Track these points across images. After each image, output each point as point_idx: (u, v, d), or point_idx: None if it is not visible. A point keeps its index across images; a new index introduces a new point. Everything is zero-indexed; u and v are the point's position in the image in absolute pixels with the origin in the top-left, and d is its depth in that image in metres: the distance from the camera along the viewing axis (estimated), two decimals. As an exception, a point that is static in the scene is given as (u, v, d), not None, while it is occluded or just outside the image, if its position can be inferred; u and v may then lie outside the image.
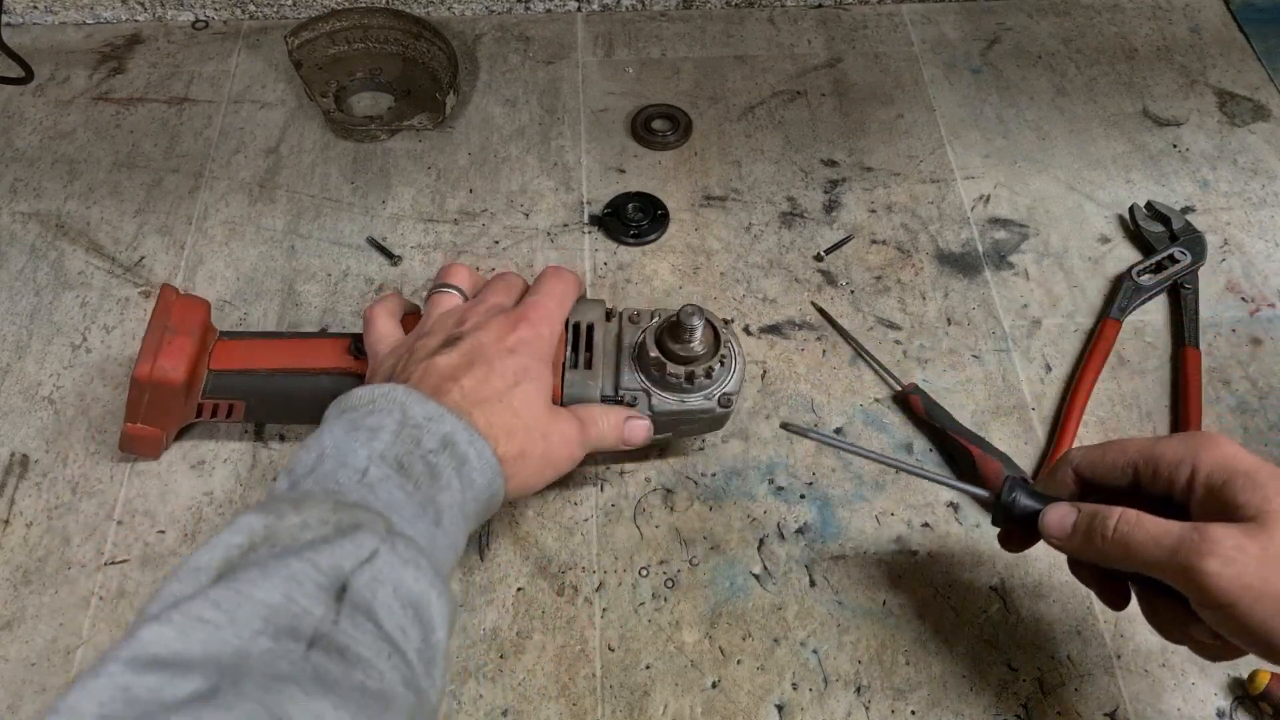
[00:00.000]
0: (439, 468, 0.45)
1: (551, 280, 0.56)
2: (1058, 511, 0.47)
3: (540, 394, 0.51)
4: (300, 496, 0.41)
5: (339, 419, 0.46)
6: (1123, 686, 0.56)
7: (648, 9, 0.93)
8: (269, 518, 0.39)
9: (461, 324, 0.53)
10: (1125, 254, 0.76)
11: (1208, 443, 0.45)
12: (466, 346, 0.50)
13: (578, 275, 0.59)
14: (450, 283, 0.57)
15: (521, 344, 0.51)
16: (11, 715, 0.54)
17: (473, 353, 0.50)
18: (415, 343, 0.52)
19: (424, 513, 0.43)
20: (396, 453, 0.44)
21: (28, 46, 0.87)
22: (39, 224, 0.76)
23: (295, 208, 0.77)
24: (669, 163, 0.81)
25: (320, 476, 0.43)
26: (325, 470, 0.43)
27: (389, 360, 0.52)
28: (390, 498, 0.42)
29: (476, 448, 0.46)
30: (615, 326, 0.58)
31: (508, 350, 0.51)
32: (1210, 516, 0.43)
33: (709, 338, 0.56)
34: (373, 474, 0.43)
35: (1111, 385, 0.68)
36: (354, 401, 0.47)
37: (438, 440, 0.45)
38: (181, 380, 0.57)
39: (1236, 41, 0.91)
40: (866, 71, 0.88)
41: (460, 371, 0.49)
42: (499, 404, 0.49)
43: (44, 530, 0.60)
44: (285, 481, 0.44)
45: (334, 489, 0.42)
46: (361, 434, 0.44)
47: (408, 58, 0.87)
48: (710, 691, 0.55)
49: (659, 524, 0.61)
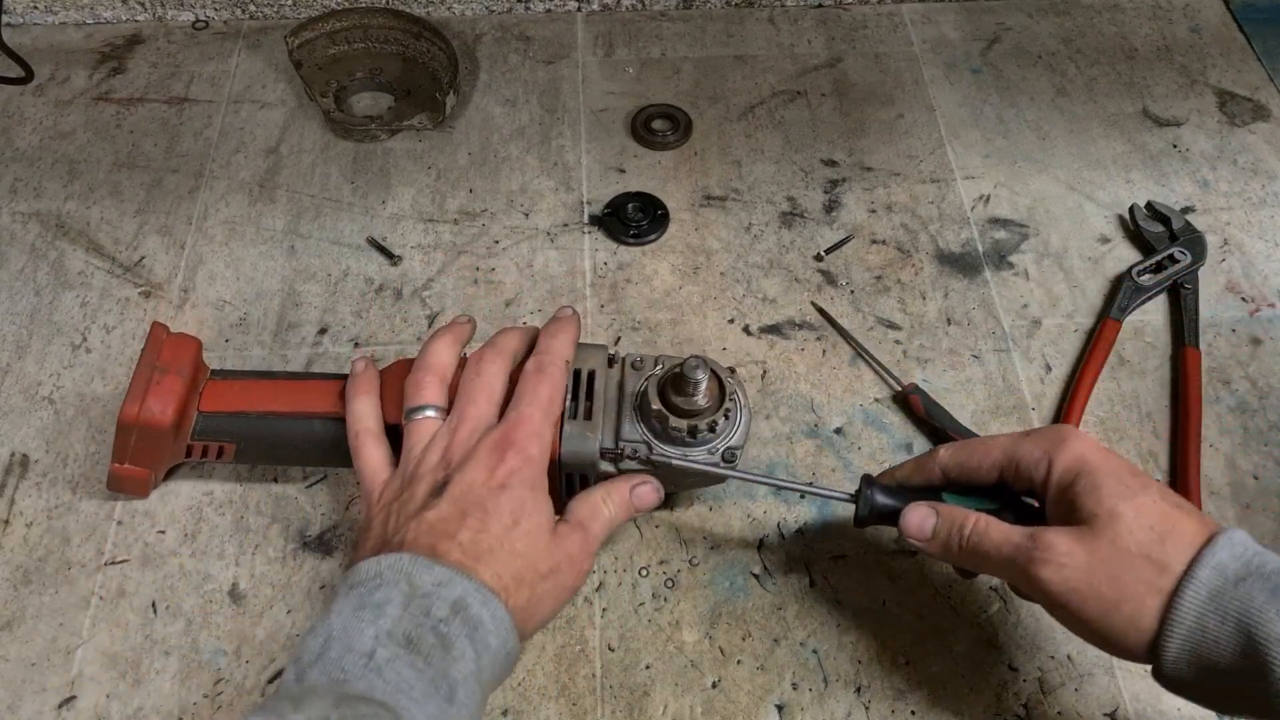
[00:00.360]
0: (450, 637, 0.43)
1: (534, 381, 0.52)
2: (917, 514, 0.50)
3: (541, 527, 0.48)
4: (302, 693, 0.39)
5: (347, 596, 0.44)
6: (1123, 686, 0.56)
7: (648, 9, 0.93)
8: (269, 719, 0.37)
9: (448, 461, 0.50)
10: (1125, 254, 0.76)
11: (1062, 441, 0.47)
12: (456, 492, 0.48)
13: (575, 321, 0.56)
14: (423, 403, 0.53)
15: (512, 475, 0.48)
16: (11, 715, 0.54)
17: (464, 499, 0.47)
18: (403, 492, 0.50)
19: (436, 691, 0.41)
20: (405, 628, 0.42)
21: (28, 46, 0.87)
22: (39, 224, 0.76)
23: (295, 208, 0.77)
24: (669, 163, 0.81)
25: (326, 665, 0.41)
26: (331, 657, 0.41)
27: (380, 512, 0.50)
28: (399, 679, 0.41)
29: (490, 608, 0.44)
30: (617, 373, 0.56)
31: (499, 487, 0.48)
32: (1060, 516, 0.46)
33: (713, 390, 0.54)
34: (380, 656, 0.41)
35: (1111, 385, 0.68)
36: (360, 577, 0.45)
37: (448, 607, 0.43)
38: (170, 422, 0.55)
39: (1236, 41, 0.91)
40: (866, 71, 0.88)
41: (454, 524, 0.46)
42: (502, 551, 0.46)
43: (44, 530, 0.60)
44: (292, 673, 0.42)
45: (340, 678, 0.40)
46: (368, 612, 0.43)
47: (408, 58, 0.87)
48: (710, 691, 0.55)
49: (659, 524, 0.61)
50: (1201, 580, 0.42)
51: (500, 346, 0.55)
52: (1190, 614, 0.42)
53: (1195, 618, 0.42)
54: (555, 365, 0.53)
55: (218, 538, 0.60)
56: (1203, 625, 0.42)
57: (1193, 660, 0.42)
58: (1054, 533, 0.45)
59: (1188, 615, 0.42)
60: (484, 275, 0.73)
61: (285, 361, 0.68)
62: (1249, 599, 0.41)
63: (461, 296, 0.72)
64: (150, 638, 0.57)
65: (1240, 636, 0.41)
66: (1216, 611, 0.41)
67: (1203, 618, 0.42)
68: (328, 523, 0.61)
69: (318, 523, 0.61)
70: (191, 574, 0.59)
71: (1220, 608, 0.41)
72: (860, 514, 0.52)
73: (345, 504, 0.62)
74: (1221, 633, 0.41)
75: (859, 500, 0.53)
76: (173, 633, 0.57)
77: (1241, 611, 0.41)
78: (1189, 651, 0.42)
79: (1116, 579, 0.43)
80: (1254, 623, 0.40)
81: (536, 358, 0.54)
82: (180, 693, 0.55)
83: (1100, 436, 0.66)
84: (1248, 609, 0.41)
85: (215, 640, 0.57)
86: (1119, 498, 0.44)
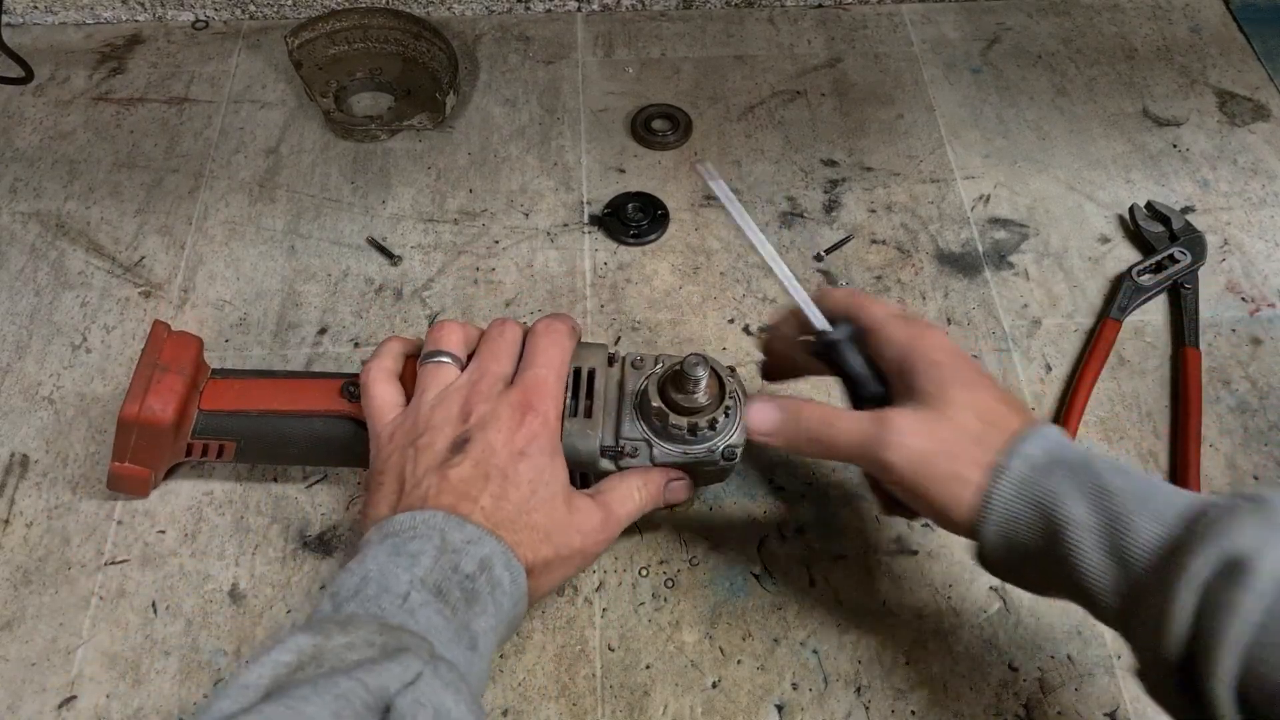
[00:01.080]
0: (476, 592, 0.45)
1: (546, 343, 0.54)
2: (761, 408, 0.51)
3: (556, 496, 0.50)
4: (346, 619, 0.41)
5: (381, 544, 0.46)
6: (1123, 686, 0.56)
7: (648, 9, 0.93)
8: (317, 637, 0.39)
9: (467, 415, 0.51)
10: (1125, 254, 0.76)
11: (928, 328, 0.50)
12: (477, 453, 0.49)
13: (572, 321, 0.56)
14: (442, 349, 0.54)
15: (531, 441, 0.50)
16: (11, 715, 0.54)
17: (485, 462, 0.49)
18: (419, 437, 0.50)
19: (460, 638, 0.44)
20: (436, 578, 0.45)
21: (28, 46, 0.88)
22: (39, 224, 0.76)
23: (295, 208, 0.77)
24: (669, 163, 0.81)
25: (364, 600, 0.43)
26: (369, 594, 0.43)
27: (394, 455, 0.51)
28: (430, 622, 0.43)
29: (512, 571, 0.47)
30: (617, 372, 0.56)
31: (519, 454, 0.49)
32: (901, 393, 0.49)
33: (714, 388, 0.54)
34: (414, 599, 0.43)
35: (1111, 385, 0.68)
36: (396, 527, 0.47)
37: (476, 564, 0.46)
38: (170, 421, 0.55)
39: (1236, 41, 0.91)
40: (866, 71, 0.88)
41: (476, 487, 0.48)
42: (520, 519, 0.48)
43: (44, 530, 0.60)
44: (329, 604, 0.44)
45: (377, 613, 0.43)
46: (403, 559, 0.45)
47: (408, 58, 0.87)
48: (710, 691, 0.55)
49: (659, 524, 0.61)
50: (1012, 469, 0.45)
51: (516, 320, 0.57)
52: (1001, 499, 0.45)
53: (1004, 503, 0.45)
54: (562, 330, 0.55)
55: (218, 538, 0.60)
56: (1011, 510, 0.44)
57: (1006, 544, 0.45)
58: (898, 412, 0.48)
59: (999, 501, 0.45)
60: (484, 275, 0.73)
61: (285, 361, 0.68)
62: (1052, 485, 0.44)
63: (461, 296, 0.72)
64: (150, 638, 0.57)
65: (1043, 520, 0.44)
66: (1022, 497, 0.44)
67: (1010, 503, 0.44)
68: (328, 523, 0.61)
69: (318, 523, 0.61)
70: (191, 574, 0.59)
71: (1027, 493, 0.44)
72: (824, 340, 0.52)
73: (345, 504, 0.62)
74: (1028, 517, 0.44)
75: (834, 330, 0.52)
76: (173, 633, 0.57)
77: (1044, 495, 0.44)
78: (1003, 536, 0.45)
79: (951, 455, 0.46)
80: (1053, 505, 0.43)
81: (544, 322, 0.55)
82: (180, 693, 0.55)
83: (1100, 436, 0.66)
84: (1049, 494, 0.44)
85: (215, 640, 0.57)
86: (958, 385, 0.47)
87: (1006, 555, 0.46)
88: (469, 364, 0.54)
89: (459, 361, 0.54)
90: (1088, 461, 0.44)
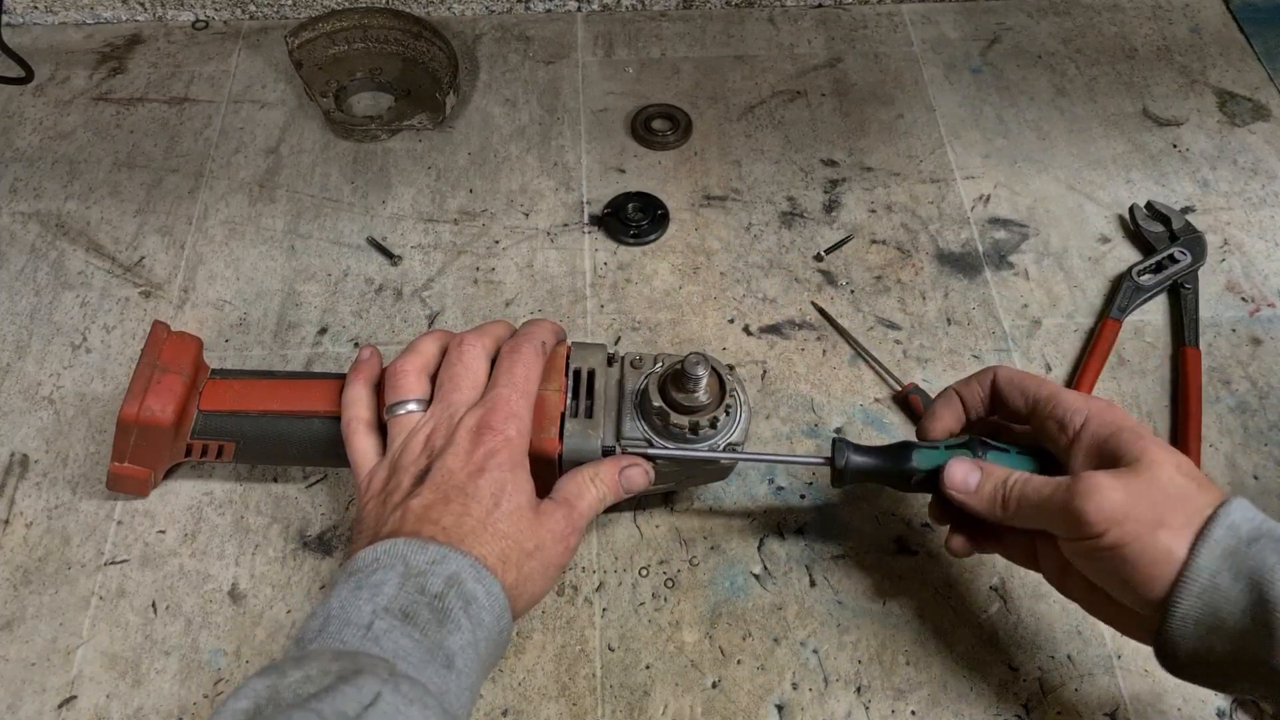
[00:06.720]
0: (447, 609, 0.44)
1: (509, 363, 0.53)
2: (961, 468, 0.50)
3: (521, 506, 0.49)
4: (301, 655, 0.40)
5: (345, 582, 0.45)
6: (1123, 686, 0.56)
7: (648, 9, 0.93)
8: (271, 678, 0.38)
9: (430, 449, 0.50)
10: (1125, 254, 0.76)
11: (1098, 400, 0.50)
12: (438, 478, 0.48)
13: (548, 328, 0.56)
14: (401, 398, 0.53)
15: (490, 458, 0.49)
16: (11, 715, 0.54)
17: (444, 484, 0.48)
18: (389, 482, 0.50)
19: (432, 658, 0.42)
20: (401, 603, 0.43)
21: (28, 46, 0.87)
22: (39, 224, 0.76)
23: (295, 208, 0.77)
24: (669, 163, 0.81)
25: (326, 638, 0.42)
26: (330, 632, 0.42)
27: (370, 503, 0.50)
28: (396, 646, 0.42)
29: (485, 584, 0.45)
30: (617, 372, 0.56)
31: (478, 470, 0.48)
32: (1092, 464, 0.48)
33: (714, 387, 0.54)
34: (377, 627, 0.42)
35: (1111, 385, 0.68)
36: (358, 564, 0.46)
37: (443, 581, 0.44)
38: (170, 421, 0.55)
39: (1236, 41, 0.91)
40: (866, 71, 0.88)
41: (436, 510, 0.47)
42: (485, 533, 0.47)
43: (44, 530, 0.60)
44: (295, 649, 0.43)
45: (339, 646, 0.42)
46: (365, 591, 0.44)
47: (408, 58, 0.87)
48: (710, 691, 0.55)
49: (659, 524, 0.61)
50: (1216, 537, 0.42)
51: (483, 330, 0.55)
52: (1206, 567, 0.42)
53: (1209, 573, 0.42)
54: (529, 344, 0.53)
55: (218, 538, 0.60)
56: (1215, 581, 0.42)
57: (1201, 617, 0.42)
58: (1095, 473, 0.46)
59: (1203, 568, 0.42)
60: (484, 275, 0.73)
61: (285, 361, 0.68)
62: (1262, 558, 0.41)
63: (461, 296, 0.72)
64: (150, 638, 0.57)
65: (1251, 594, 0.41)
66: (1230, 568, 0.42)
67: (1217, 574, 0.42)
68: (328, 523, 0.61)
69: (318, 523, 0.61)
70: (191, 574, 0.59)
71: (1234, 564, 0.42)
72: (837, 466, 0.53)
73: (345, 504, 0.62)
74: (1234, 589, 0.41)
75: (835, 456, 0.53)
76: (173, 633, 0.57)
77: (1254, 570, 0.41)
78: (1200, 606, 0.42)
79: (1156, 506, 0.44)
80: (1266, 581, 0.41)
81: (511, 340, 0.54)
82: (180, 693, 0.55)
83: (1100, 436, 0.66)
84: (1260, 568, 0.41)
85: (215, 640, 0.57)
86: (1159, 448, 0.46)
87: (1198, 635, 0.43)
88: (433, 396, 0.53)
89: (422, 403, 0.53)
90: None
